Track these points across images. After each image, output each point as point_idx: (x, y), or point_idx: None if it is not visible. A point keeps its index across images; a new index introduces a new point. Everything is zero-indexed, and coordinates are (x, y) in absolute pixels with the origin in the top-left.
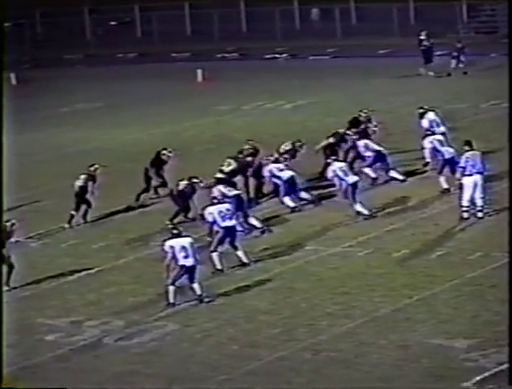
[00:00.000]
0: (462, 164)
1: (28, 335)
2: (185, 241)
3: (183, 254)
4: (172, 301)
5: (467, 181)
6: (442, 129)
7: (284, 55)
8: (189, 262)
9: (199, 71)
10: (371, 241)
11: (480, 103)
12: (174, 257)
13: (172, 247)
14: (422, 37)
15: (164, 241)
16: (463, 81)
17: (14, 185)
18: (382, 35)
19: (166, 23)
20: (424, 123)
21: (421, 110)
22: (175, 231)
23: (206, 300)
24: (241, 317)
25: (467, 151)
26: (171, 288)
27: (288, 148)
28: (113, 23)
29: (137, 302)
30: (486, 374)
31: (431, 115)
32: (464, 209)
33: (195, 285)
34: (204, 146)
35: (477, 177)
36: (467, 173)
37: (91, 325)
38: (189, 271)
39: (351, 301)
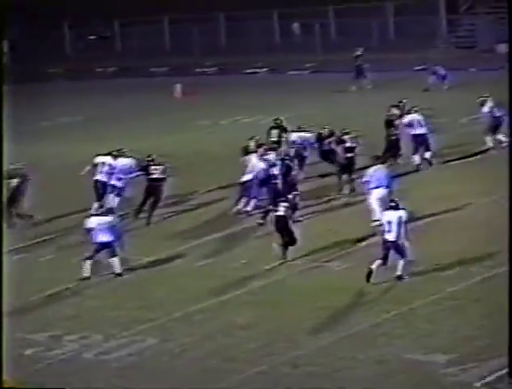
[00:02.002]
0: (367, 178)
1: (7, 349)
2: (106, 220)
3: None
4: (86, 275)
5: (373, 196)
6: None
7: (264, 70)
8: (106, 238)
9: (178, 86)
10: (352, 256)
11: (460, 117)
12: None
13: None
14: (358, 53)
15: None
16: (443, 95)
17: None
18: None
19: (145, 37)
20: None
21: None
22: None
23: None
24: (220, 331)
25: (375, 165)
26: (87, 263)
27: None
28: (92, 37)
29: (116, 316)
30: None
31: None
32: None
33: (114, 260)
34: (183, 160)
35: (382, 191)
36: (372, 186)
37: (71, 339)
38: (107, 246)
39: (330, 316)
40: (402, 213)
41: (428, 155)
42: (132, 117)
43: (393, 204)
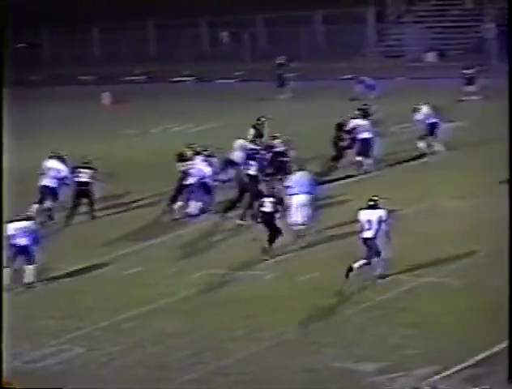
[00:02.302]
0: (289, 183)
1: None
2: (25, 224)
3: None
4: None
5: (294, 201)
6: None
7: (192, 78)
8: (24, 241)
9: (107, 94)
10: (279, 264)
11: (389, 126)
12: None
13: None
14: (280, 61)
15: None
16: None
17: None
18: (292, 58)
19: (74, 45)
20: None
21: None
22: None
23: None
24: (149, 340)
25: (297, 171)
26: (7, 270)
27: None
28: (21, 45)
29: (44, 325)
30: None
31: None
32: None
33: (29, 268)
34: (113, 169)
35: (304, 197)
36: (293, 192)
37: None
38: (24, 252)
39: (258, 324)
40: (381, 212)
41: (371, 157)
42: (61, 127)
43: (372, 203)
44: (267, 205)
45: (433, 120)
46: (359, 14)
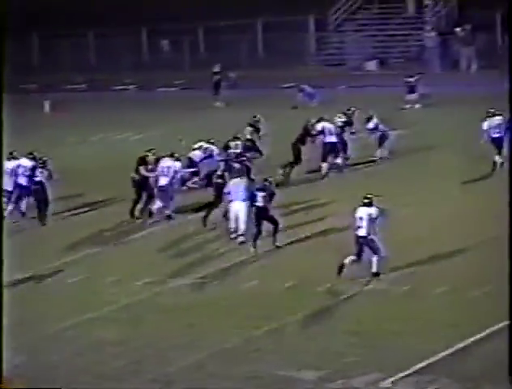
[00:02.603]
0: (227, 190)
1: None
2: None
3: None
4: None
5: (232, 208)
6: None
7: (133, 86)
8: None
9: (47, 103)
10: (221, 273)
11: None
12: None
13: None
14: (216, 70)
15: None
16: (312, 113)
17: None
18: (231, 66)
19: (14, 53)
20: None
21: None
22: None
23: None
24: (89, 348)
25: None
26: None
27: None
28: None
29: None
30: None
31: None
32: (233, 235)
33: None
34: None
35: (240, 204)
36: (231, 199)
37: None
38: None
39: (200, 333)
40: (373, 210)
41: (338, 160)
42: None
43: (366, 201)
44: (260, 200)
45: (383, 129)
46: (299, 22)
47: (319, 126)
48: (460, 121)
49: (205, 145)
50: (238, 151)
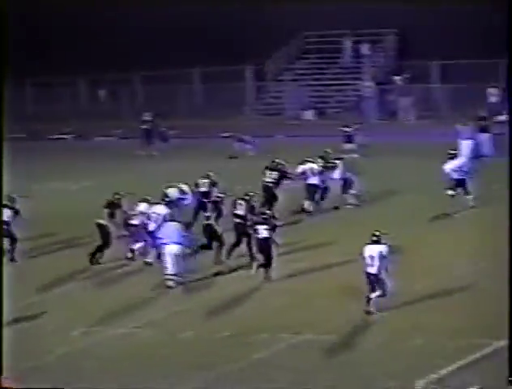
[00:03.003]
0: (159, 235)
1: None
2: None
3: None
4: None
5: (166, 251)
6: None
7: (71, 136)
8: None
9: None
10: (158, 322)
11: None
12: None
13: None
14: (146, 118)
15: None
16: (251, 163)
17: None
18: (170, 116)
19: None
20: None
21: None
22: None
23: None
24: None
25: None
26: None
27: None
28: None
29: None
30: None
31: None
32: (168, 278)
33: None
34: None
35: (174, 247)
36: (164, 242)
37: None
38: None
39: (132, 383)
40: (383, 248)
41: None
42: None
43: (375, 238)
44: (263, 232)
45: (347, 176)
46: (238, 71)
47: (301, 169)
48: (405, 167)
49: (180, 186)
50: (205, 189)
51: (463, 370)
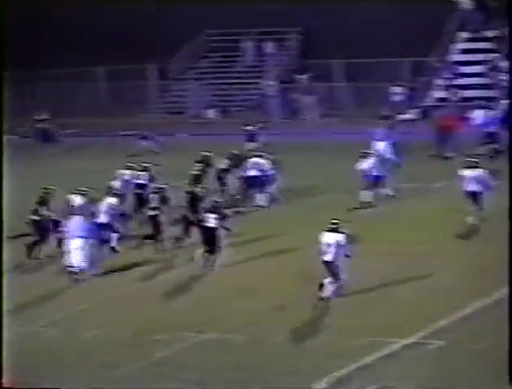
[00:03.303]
0: (65, 228)
1: None
2: None
3: None
4: None
5: (71, 245)
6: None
7: None
8: None
9: None
10: (63, 321)
11: (171, 182)
12: None
13: None
14: (40, 117)
15: None
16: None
17: None
18: (73, 114)
19: None
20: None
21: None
22: None
23: None
24: None
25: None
26: None
27: None
28: None
29: None
30: None
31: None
32: (70, 270)
33: None
34: None
35: (79, 241)
36: (70, 235)
37: None
38: None
39: (34, 383)
40: (341, 237)
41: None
42: None
43: (333, 226)
44: (212, 221)
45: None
46: (141, 70)
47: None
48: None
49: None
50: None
51: (365, 370)
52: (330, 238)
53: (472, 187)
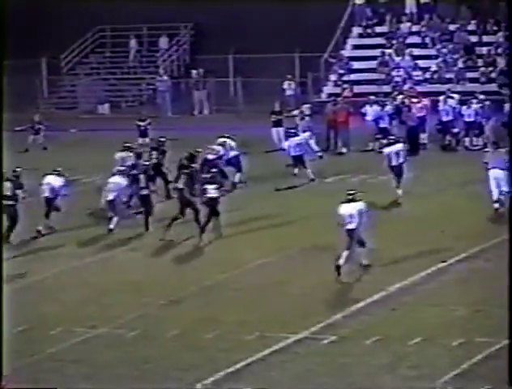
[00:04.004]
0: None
1: None
2: None
3: None
4: None
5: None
6: None
7: None
8: None
9: None
10: None
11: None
12: None
13: None
14: None
15: None
16: (42, 156)
17: None
18: None
19: None
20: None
21: None
22: None
23: None
24: None
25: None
26: None
27: None
28: None
29: None
30: None
31: None
32: None
33: None
34: None
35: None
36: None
37: None
38: None
39: None
40: (361, 205)
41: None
42: None
43: (350, 197)
44: (212, 192)
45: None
46: (32, 65)
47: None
48: None
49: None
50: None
51: (255, 365)
52: (350, 208)
53: (395, 162)
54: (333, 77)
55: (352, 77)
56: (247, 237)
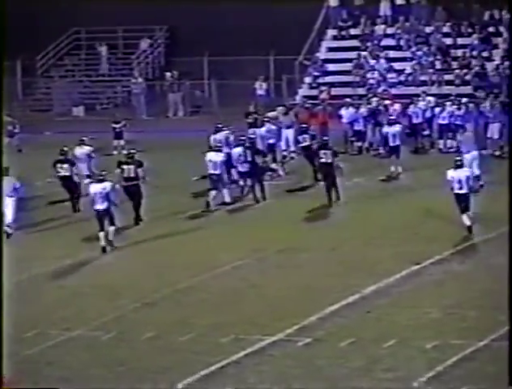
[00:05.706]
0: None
1: None
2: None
3: None
4: None
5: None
6: None
7: None
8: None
9: None
10: None
11: (36, 180)
12: None
13: None
14: None
15: None
16: (17, 158)
17: None
18: None
19: None
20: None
21: None
22: None
23: None
24: None
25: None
26: None
27: None
28: None
29: None
30: None
31: None
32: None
33: None
34: None
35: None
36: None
37: None
38: None
39: None
40: (468, 171)
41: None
42: None
43: (458, 163)
44: (324, 156)
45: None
46: (7, 67)
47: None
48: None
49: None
50: None
51: (230, 368)
52: (459, 174)
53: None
54: (308, 79)
55: (327, 79)
56: (222, 238)
